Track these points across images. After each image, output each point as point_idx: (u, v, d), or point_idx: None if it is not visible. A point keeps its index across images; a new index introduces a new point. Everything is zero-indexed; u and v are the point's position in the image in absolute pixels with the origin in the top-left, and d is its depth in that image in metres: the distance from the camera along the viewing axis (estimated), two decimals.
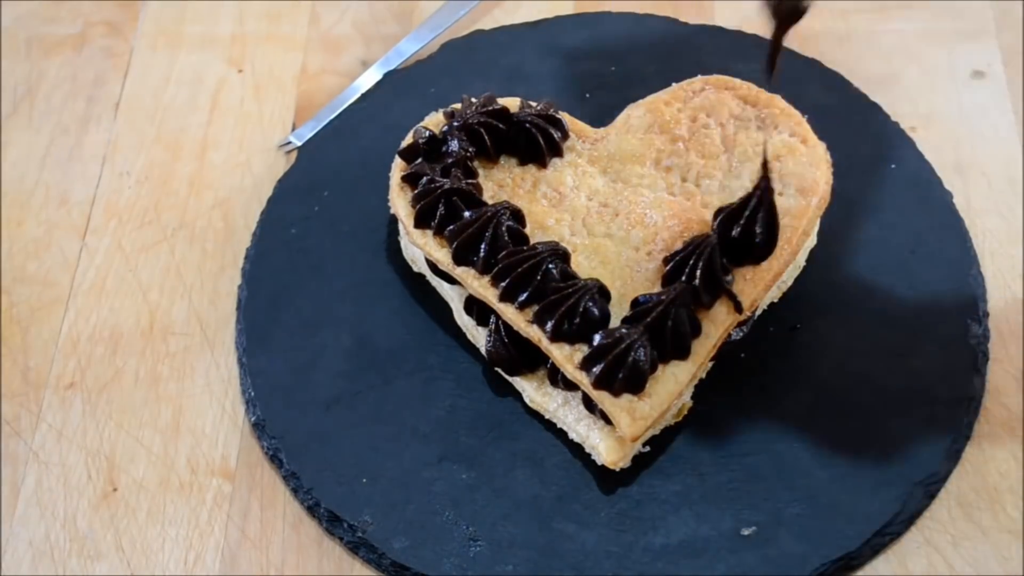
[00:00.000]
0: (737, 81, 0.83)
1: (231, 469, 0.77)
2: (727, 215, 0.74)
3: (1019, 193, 0.87)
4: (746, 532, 0.72)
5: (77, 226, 0.88)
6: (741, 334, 0.77)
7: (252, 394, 0.78)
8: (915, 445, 0.74)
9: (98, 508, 0.76)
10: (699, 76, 0.84)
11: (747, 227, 0.73)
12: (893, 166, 0.86)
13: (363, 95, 0.92)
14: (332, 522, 0.74)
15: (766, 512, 0.72)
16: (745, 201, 0.73)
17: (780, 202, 0.75)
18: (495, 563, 0.71)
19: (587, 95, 0.90)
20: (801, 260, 0.80)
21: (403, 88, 0.92)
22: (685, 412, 0.76)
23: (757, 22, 0.96)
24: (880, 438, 0.75)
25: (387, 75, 0.93)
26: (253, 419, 0.78)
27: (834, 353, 0.78)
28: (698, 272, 0.72)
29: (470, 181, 0.77)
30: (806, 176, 0.78)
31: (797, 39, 0.96)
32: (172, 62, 0.97)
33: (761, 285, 0.74)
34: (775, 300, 0.80)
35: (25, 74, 0.97)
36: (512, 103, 0.82)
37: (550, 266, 0.73)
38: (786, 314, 0.80)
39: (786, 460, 0.74)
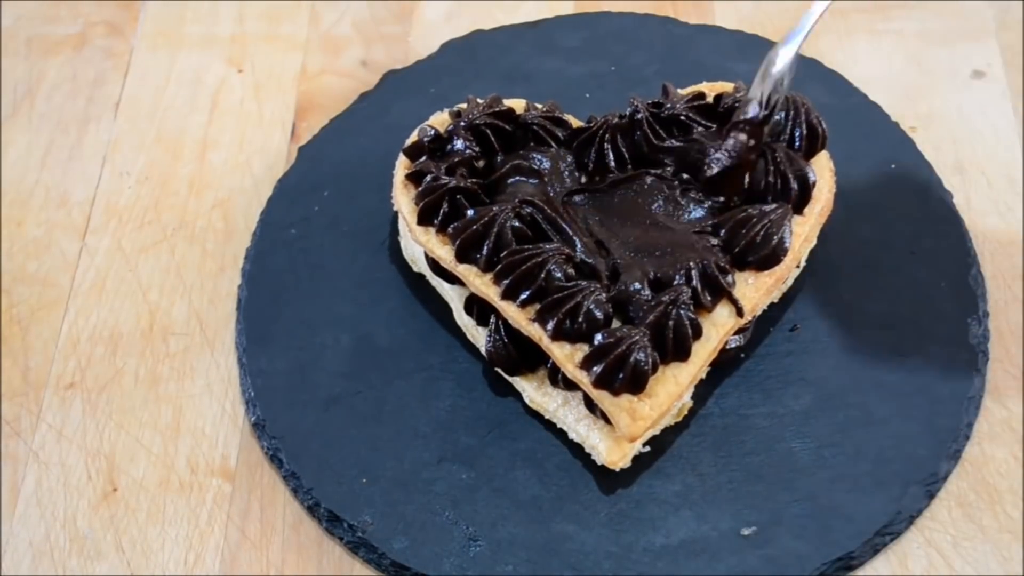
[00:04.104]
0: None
1: (231, 469, 0.77)
2: (736, 221, 0.74)
3: (1019, 193, 0.87)
4: (746, 532, 0.72)
5: (77, 226, 0.88)
6: (741, 342, 0.77)
7: (252, 394, 0.78)
8: (915, 445, 0.74)
9: (98, 508, 0.76)
10: (703, 82, 0.84)
11: (756, 236, 0.73)
12: (893, 166, 0.86)
13: (363, 95, 0.92)
14: (332, 522, 0.74)
15: (766, 512, 0.72)
16: (758, 211, 0.74)
17: None
18: (495, 563, 0.71)
19: (587, 95, 0.90)
20: (801, 261, 0.80)
21: (403, 88, 0.92)
22: (685, 412, 0.76)
23: (757, 22, 0.97)
24: (880, 438, 0.75)
25: (387, 75, 0.93)
26: (253, 419, 0.78)
27: (834, 353, 0.78)
28: (698, 274, 0.72)
29: (475, 180, 0.77)
30: None
31: None
32: (172, 62, 0.97)
33: (763, 290, 0.74)
34: (775, 300, 0.80)
35: (25, 74, 0.97)
36: (518, 104, 0.82)
37: (552, 266, 0.73)
38: (786, 314, 0.80)
39: (786, 460, 0.74)
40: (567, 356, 0.71)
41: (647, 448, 0.74)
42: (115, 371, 0.81)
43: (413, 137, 0.81)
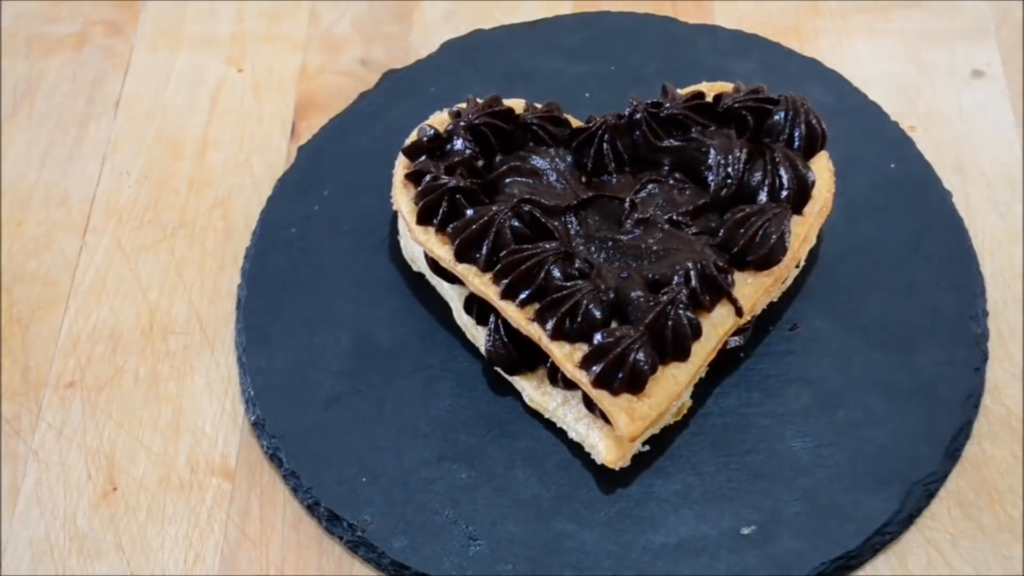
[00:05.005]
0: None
1: (231, 469, 0.77)
2: (735, 221, 0.74)
3: (1019, 193, 0.87)
4: (746, 532, 0.72)
5: (77, 226, 0.88)
6: (740, 342, 0.77)
7: (252, 393, 0.78)
8: (915, 445, 0.74)
9: (98, 508, 0.76)
10: (703, 82, 0.83)
11: (755, 236, 0.74)
12: (893, 166, 0.86)
13: (363, 95, 0.92)
14: (332, 521, 0.74)
15: (766, 512, 0.72)
16: (757, 211, 0.74)
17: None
18: (495, 562, 0.71)
19: (587, 95, 0.90)
20: (801, 260, 0.80)
21: (403, 88, 0.92)
22: (685, 412, 0.76)
23: (757, 22, 0.97)
24: (880, 438, 0.75)
25: (387, 75, 0.93)
26: (253, 418, 0.78)
27: (834, 353, 0.78)
28: (697, 274, 0.72)
29: (475, 180, 0.77)
30: None
31: (797, 39, 0.96)
32: (172, 62, 0.97)
33: (762, 290, 0.74)
34: (775, 300, 0.80)
35: (25, 74, 0.97)
36: (517, 104, 0.82)
37: (552, 266, 0.73)
38: (786, 314, 0.80)
39: (786, 460, 0.74)
40: (566, 356, 0.71)
41: (647, 447, 0.74)
42: (115, 370, 0.81)
43: (412, 137, 0.81)
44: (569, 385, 0.74)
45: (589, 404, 0.73)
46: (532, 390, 0.76)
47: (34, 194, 0.90)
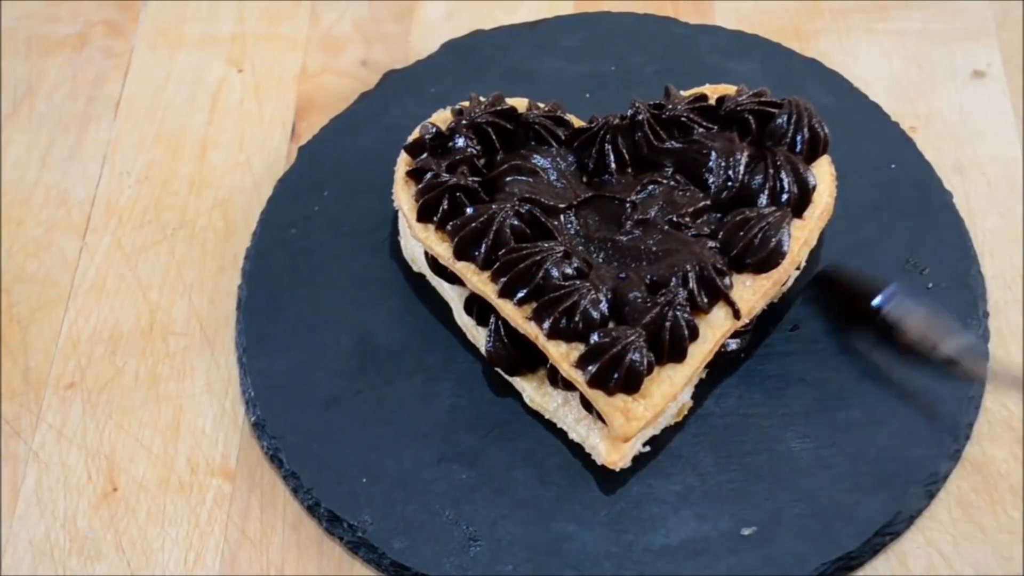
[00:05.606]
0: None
1: (231, 469, 0.77)
2: (734, 224, 0.74)
3: (1019, 193, 0.87)
4: (746, 532, 0.72)
5: (77, 226, 0.88)
6: (741, 344, 0.77)
7: (252, 394, 0.78)
8: (915, 446, 0.74)
9: (98, 508, 0.76)
10: (704, 81, 0.83)
11: (754, 239, 0.73)
12: (893, 166, 0.86)
13: (363, 95, 0.92)
14: (332, 522, 0.74)
15: (766, 512, 0.72)
16: (756, 214, 0.74)
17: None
18: (495, 563, 0.71)
19: (587, 95, 0.90)
20: (801, 262, 0.80)
21: (403, 88, 0.92)
22: (685, 412, 0.76)
23: (757, 22, 0.97)
24: (880, 438, 0.75)
25: (387, 75, 0.93)
26: (253, 419, 0.78)
27: (834, 353, 0.78)
28: (695, 276, 0.72)
29: (475, 179, 0.77)
30: None
31: (797, 39, 0.96)
32: (172, 62, 0.97)
33: (760, 292, 0.74)
34: (775, 300, 0.80)
35: (25, 74, 0.97)
36: (520, 103, 0.82)
37: (550, 265, 0.73)
38: (786, 314, 0.80)
39: (786, 460, 0.74)
40: (563, 355, 0.71)
41: (647, 448, 0.74)
42: (115, 371, 0.81)
43: (415, 134, 0.81)
44: (569, 386, 0.73)
45: (587, 405, 0.73)
46: (532, 391, 0.76)
47: (34, 194, 0.90)
